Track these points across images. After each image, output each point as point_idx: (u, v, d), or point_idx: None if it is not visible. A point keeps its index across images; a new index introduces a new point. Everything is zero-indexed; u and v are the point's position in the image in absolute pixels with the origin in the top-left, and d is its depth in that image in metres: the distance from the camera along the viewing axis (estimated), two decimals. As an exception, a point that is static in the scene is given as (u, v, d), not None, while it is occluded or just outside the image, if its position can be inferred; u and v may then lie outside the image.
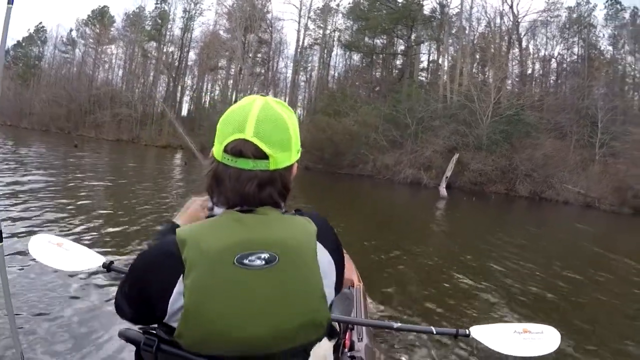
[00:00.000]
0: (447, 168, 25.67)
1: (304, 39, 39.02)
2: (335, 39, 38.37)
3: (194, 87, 41.14)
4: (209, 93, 40.68)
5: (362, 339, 2.13)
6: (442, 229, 12.26)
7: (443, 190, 22.42)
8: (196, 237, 0.83)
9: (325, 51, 38.13)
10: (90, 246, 1.73)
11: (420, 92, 31.77)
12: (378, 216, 12.91)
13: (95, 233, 6.26)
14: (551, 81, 38.20)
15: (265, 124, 0.87)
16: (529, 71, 37.52)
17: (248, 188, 0.86)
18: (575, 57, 37.37)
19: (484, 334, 1.61)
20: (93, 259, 1.62)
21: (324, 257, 0.90)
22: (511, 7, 35.62)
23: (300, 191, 13.57)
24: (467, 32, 35.66)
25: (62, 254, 1.64)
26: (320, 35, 38.61)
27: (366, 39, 36.70)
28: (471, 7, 35.30)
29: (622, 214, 27.01)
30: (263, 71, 38.51)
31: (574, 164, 29.85)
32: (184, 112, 41.91)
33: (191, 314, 0.80)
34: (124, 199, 9.83)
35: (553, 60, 38.04)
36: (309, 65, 40.33)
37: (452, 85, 32.25)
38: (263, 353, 0.84)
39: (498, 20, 36.34)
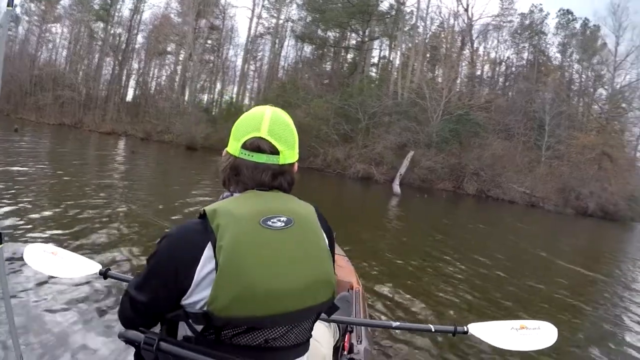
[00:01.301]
0: (402, 165, 25.53)
1: (256, 27, 38.33)
2: (288, 29, 37.93)
3: (141, 71, 39.23)
4: (155, 78, 38.90)
5: (361, 341, 2.12)
6: (397, 225, 11.72)
7: (397, 187, 22.14)
8: (226, 207, 0.96)
9: (277, 41, 37.37)
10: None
11: (372, 87, 31.52)
12: (333, 211, 12.20)
13: (27, 225, 5.39)
14: (500, 83, 39.04)
15: (277, 125, 1.05)
16: (478, 72, 38.22)
17: (264, 177, 1.04)
18: (524, 61, 38.34)
19: (481, 330, 1.65)
20: (89, 267, 1.69)
21: (322, 234, 1.05)
22: (466, 9, 36.11)
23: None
24: (420, 30, 36.01)
25: (58, 262, 1.70)
26: (273, 25, 37.87)
27: (319, 31, 36.26)
28: (428, 6, 35.60)
29: (565, 214, 27.91)
30: (212, 58, 37.19)
31: (521, 165, 30.50)
32: (129, 97, 39.95)
33: (226, 270, 0.89)
34: (67, 189, 8.55)
35: (503, 63, 38.89)
36: (259, 54, 39.75)
37: (403, 81, 32.15)
38: (288, 311, 0.94)
39: (452, 21, 36.85)
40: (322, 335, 1.54)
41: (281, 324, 0.96)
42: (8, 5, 1.55)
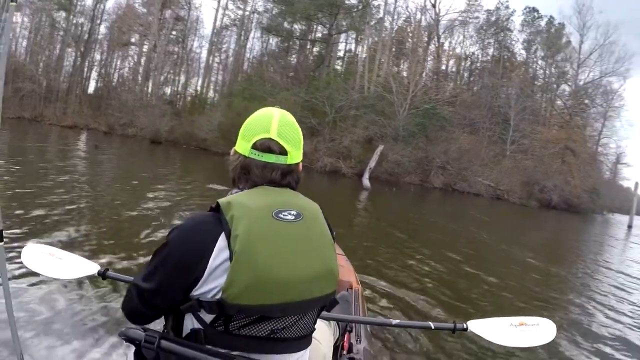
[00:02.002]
0: (371, 159, 25.51)
1: (222, 18, 37.58)
2: (254, 21, 37.34)
3: (103, 62, 38.00)
4: (118, 70, 37.73)
5: (360, 341, 2.11)
6: (371, 221, 11.48)
7: (366, 181, 22.07)
8: (239, 199, 1.00)
9: (243, 33, 36.80)
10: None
11: (339, 80, 31.40)
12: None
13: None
14: (465, 78, 39.50)
15: (285, 127, 1.10)
16: (443, 67, 38.59)
17: (273, 175, 1.08)
18: (489, 57, 38.87)
19: (481, 327, 1.66)
20: (87, 267, 1.71)
21: (327, 229, 1.10)
22: (434, 5, 36.36)
23: (217, 178, 13.05)
24: (387, 24, 36.14)
25: (56, 263, 1.70)
26: (239, 16, 37.25)
27: (285, 23, 35.87)
28: (395, 1, 35.67)
29: (530, 207, 28.47)
30: (177, 49, 36.32)
31: (486, 159, 30.92)
32: (91, 89, 38.66)
33: (241, 258, 0.92)
34: (23, 186, 7.79)
35: (468, 59, 39.38)
36: (224, 46, 38.99)
37: (370, 75, 32.12)
38: (297, 300, 0.97)
39: (419, 16, 37.06)
40: (323, 334, 1.53)
41: (290, 313, 1.00)
42: (12, 1, 1.60)
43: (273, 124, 1.09)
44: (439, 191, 28.03)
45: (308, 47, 36.92)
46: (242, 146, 1.10)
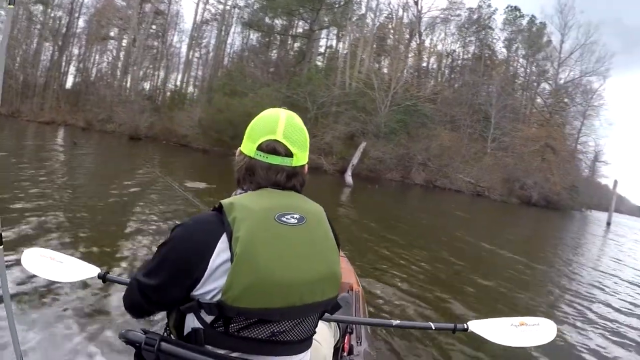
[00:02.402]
0: (354, 156, 25.43)
1: (203, 13, 37.03)
2: (235, 16, 36.81)
3: (81, 57, 37.15)
4: (96, 65, 36.95)
5: (360, 342, 2.08)
6: (356, 217, 11.25)
7: (349, 178, 21.97)
8: (242, 201, 1.00)
9: (224, 28, 36.32)
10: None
11: (321, 76, 31.26)
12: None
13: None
14: (446, 75, 39.69)
15: (291, 128, 1.08)
16: (424, 64, 38.71)
17: (279, 177, 1.07)
18: (470, 55, 39.12)
19: (481, 328, 1.66)
20: (87, 270, 1.70)
21: (331, 233, 1.09)
22: (416, 2, 36.45)
23: (198, 175, 12.92)
24: (369, 21, 36.13)
25: (56, 266, 1.72)
26: (220, 11, 36.75)
27: (266, 18, 35.42)
28: (379, -4, 35.55)
29: (510, 204, 28.76)
30: (157, 44, 35.75)
31: (467, 156, 31.13)
32: (69, 84, 37.77)
33: (242, 260, 0.92)
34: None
35: (449, 56, 39.56)
36: (205, 41, 38.30)
37: (351, 71, 32.06)
38: (298, 304, 0.97)
39: (401, 13, 37.13)
40: (323, 336, 1.52)
41: (290, 317, 0.99)
42: (9, 4, 1.58)
43: (279, 125, 1.08)
44: (420, 188, 28.13)
45: (289, 42, 36.63)
46: (248, 147, 1.09)
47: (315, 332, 1.11)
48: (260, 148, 1.06)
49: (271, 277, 0.93)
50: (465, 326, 1.66)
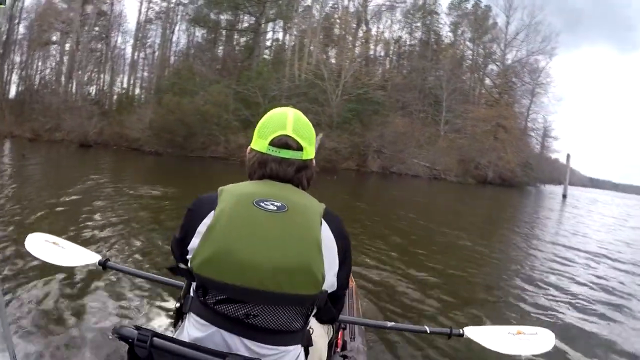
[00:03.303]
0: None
1: (146, 12, 36.03)
2: (180, 13, 36.07)
3: (23, 64, 35.59)
4: (39, 72, 35.52)
5: (354, 338, 2.08)
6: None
7: None
8: (234, 187, 1.09)
9: (169, 26, 35.63)
10: None
11: (270, 70, 31.15)
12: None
13: None
14: (394, 62, 40.12)
15: (299, 124, 1.15)
16: (372, 52, 38.91)
17: (289, 170, 1.12)
18: (417, 41, 39.66)
19: (478, 334, 1.65)
20: (88, 257, 1.79)
21: (326, 233, 1.06)
22: (362, -10, 36.59)
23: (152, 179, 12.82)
24: (315, 11, 36.08)
25: (59, 251, 1.80)
26: (164, 9, 35.82)
27: (211, 14, 34.92)
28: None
29: (467, 184, 29.41)
30: (100, 46, 34.70)
31: (422, 140, 31.67)
32: (12, 93, 36.15)
33: (208, 232, 1.01)
34: None
35: (396, 43, 39.96)
36: (149, 41, 37.24)
37: (300, 63, 32.06)
38: (261, 289, 0.98)
39: (346, 2, 37.20)
40: (317, 331, 1.47)
41: (255, 300, 1.01)
42: (0, 4, 1.58)
43: (288, 121, 1.14)
44: (377, 175, 28.44)
45: (235, 37, 36.20)
46: (260, 144, 1.14)
47: (301, 329, 1.11)
48: (272, 143, 1.12)
49: (230, 252, 0.98)
50: (461, 331, 1.67)
